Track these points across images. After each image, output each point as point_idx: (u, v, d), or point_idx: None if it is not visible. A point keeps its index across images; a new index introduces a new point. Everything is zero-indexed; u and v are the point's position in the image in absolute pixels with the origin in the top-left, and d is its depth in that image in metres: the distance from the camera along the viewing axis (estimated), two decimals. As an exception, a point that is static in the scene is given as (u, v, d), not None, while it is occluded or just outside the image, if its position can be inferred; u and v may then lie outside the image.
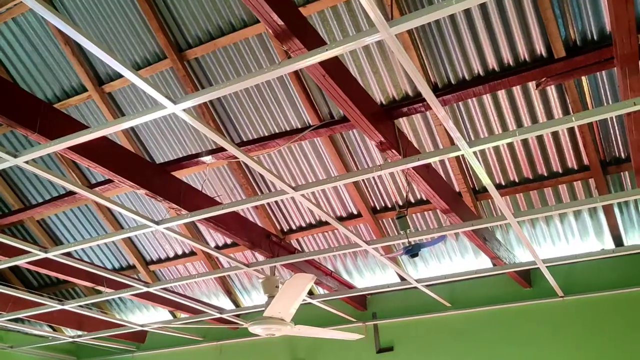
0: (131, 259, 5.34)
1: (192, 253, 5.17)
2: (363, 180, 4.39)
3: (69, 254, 3.55)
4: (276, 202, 4.66)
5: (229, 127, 4.23)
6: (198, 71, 4.10)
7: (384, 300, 4.95)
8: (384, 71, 3.67)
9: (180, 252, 5.27)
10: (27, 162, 2.36)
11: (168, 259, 5.34)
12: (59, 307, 4.08)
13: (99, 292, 5.41)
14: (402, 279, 4.58)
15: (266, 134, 4.14)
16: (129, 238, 5.18)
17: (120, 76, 4.27)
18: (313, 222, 4.75)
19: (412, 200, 4.37)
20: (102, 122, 4.46)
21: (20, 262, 3.32)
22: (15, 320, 4.91)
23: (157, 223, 2.91)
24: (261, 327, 3.31)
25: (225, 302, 5.40)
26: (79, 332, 5.34)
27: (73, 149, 2.44)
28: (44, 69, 4.40)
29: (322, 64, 1.97)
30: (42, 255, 3.20)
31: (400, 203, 4.37)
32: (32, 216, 4.90)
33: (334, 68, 2.07)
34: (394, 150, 2.52)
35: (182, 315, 5.28)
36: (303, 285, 2.92)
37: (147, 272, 5.36)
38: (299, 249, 4.65)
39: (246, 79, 1.87)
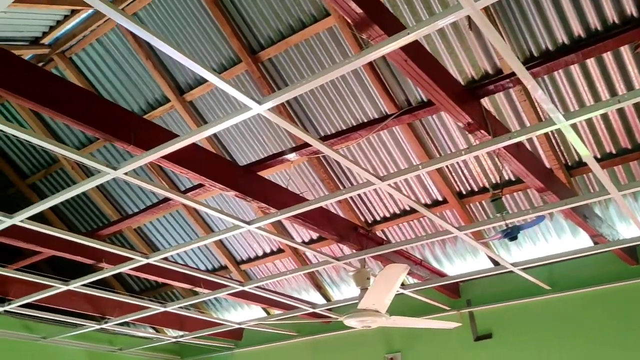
0: (223, 260, 5.52)
1: (280, 250, 5.26)
2: (447, 165, 4.29)
3: (165, 259, 3.72)
4: (359, 194, 4.64)
5: (306, 124, 4.26)
6: (272, 71, 4.16)
7: (478, 286, 4.81)
8: (460, 51, 3.55)
9: (268, 250, 5.38)
10: (126, 174, 2.49)
11: (257, 257, 5.46)
12: (162, 309, 4.29)
13: (196, 293, 5.65)
14: (496, 263, 4.43)
15: (344, 128, 4.13)
16: (220, 240, 5.35)
17: (199, 84, 4.42)
18: (397, 211, 4.70)
19: (499, 181, 4.22)
20: (186, 130, 4.63)
21: (125, 269, 3.52)
22: (122, 324, 5.20)
23: (249, 223, 2.97)
24: (356, 319, 3.31)
25: (315, 297, 5.46)
26: (181, 332, 5.59)
27: (166, 157, 2.53)
28: (129, 84, 4.62)
29: (404, 48, 1.92)
30: (144, 261, 3.36)
31: (487, 185, 4.23)
32: (130, 225, 5.16)
33: (415, 51, 2.02)
34: (482, 131, 2.43)
35: (276, 311, 5.39)
36: (397, 276, 2.88)
37: (238, 271, 5.51)
38: (385, 239, 4.61)
39: (330, 72, 1.86)
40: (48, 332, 5.11)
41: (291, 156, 3.17)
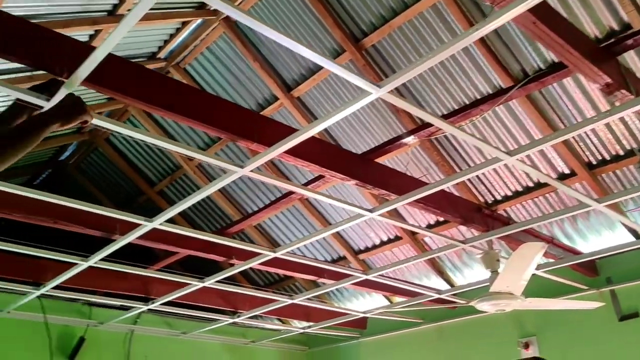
0: (341, 251, 5.56)
1: (397, 238, 5.21)
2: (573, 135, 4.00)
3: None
4: (477, 174, 4.47)
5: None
6: (377, 58, 4.11)
7: (619, 262, 4.44)
8: (580, 10, 3.27)
9: (385, 239, 5.34)
10: (252, 171, 2.57)
11: (375, 246, 5.45)
12: (290, 301, 4.41)
13: (318, 285, 5.76)
14: (638, 237, 4.07)
15: (455, 107, 3.99)
16: (337, 231, 5.40)
17: (305, 79, 4.48)
18: (519, 189, 4.46)
19: (628, 148, 3.86)
20: (296, 126, 4.72)
21: (254, 263, 3.65)
22: (253, 317, 5.42)
23: (371, 211, 2.96)
24: (489, 303, 3.19)
25: (437, 283, 5.35)
26: (307, 323, 5.73)
27: (288, 152, 2.57)
28: (239, 87, 4.79)
29: (532, 10, 1.80)
30: (272, 255, 3.47)
31: (621, 152, 3.89)
32: (251, 223, 5.34)
33: (543, 12, 1.88)
34: (623, 91, 2.22)
35: (398, 299, 5.35)
36: (533, 255, 2.73)
37: (357, 261, 5.53)
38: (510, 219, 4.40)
39: (452, 44, 1.78)
40: (187, 328, 5.45)
41: (409, 139, 3.11)
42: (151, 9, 4.02)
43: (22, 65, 3.37)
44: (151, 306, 4.53)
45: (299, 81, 4.53)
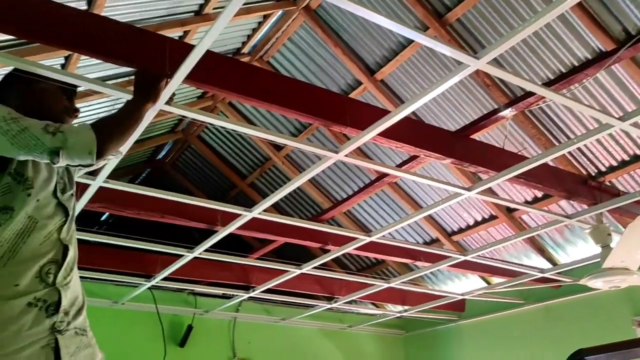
0: (433, 233, 5.47)
1: (493, 217, 5.04)
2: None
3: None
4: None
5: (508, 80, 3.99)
6: (462, 32, 3.97)
7: None
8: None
9: (479, 218, 5.19)
10: (346, 156, 2.58)
11: (468, 227, 5.31)
12: (386, 285, 4.41)
13: (411, 268, 5.71)
14: None
15: (551, 77, 3.78)
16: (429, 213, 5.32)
17: (387, 61, 4.42)
18: (626, 158, 4.16)
19: None
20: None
21: (350, 249, 3.68)
22: (349, 303, 5.47)
23: (469, 189, 2.88)
24: (602, 280, 3.02)
25: (537, 262, 5.14)
26: (403, 307, 5.70)
27: (381, 134, 2.55)
28: (322, 75, 4.81)
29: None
30: (368, 239, 3.47)
31: None
32: (342, 210, 5.36)
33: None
34: None
35: (497, 280, 5.20)
36: (651, 227, 2.54)
37: (451, 243, 5.42)
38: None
39: (548, 11, 1.68)
40: (285, 314, 5.60)
41: (506, 112, 2.98)
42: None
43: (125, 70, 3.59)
44: (252, 294, 4.69)
45: (381, 64, 4.48)
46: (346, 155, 2.57)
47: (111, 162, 2.40)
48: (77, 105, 1.86)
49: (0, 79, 1.77)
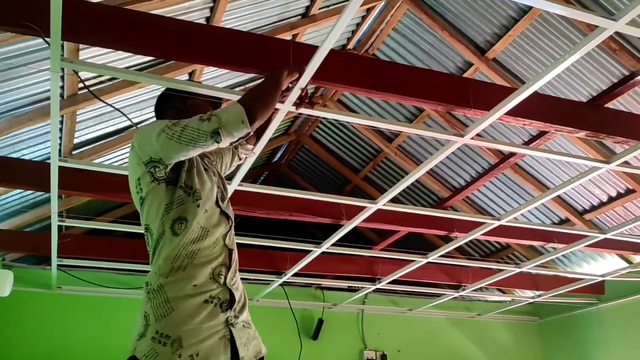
0: (562, 213, 5.18)
1: (630, 191, 4.67)
2: None
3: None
4: None
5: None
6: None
7: None
8: None
9: (614, 194, 4.83)
10: (472, 139, 2.52)
11: (602, 204, 4.96)
12: (517, 270, 4.25)
13: (540, 252, 5.45)
14: None
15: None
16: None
17: (498, 38, 4.25)
18: None
19: None
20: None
21: (477, 234, 3.59)
22: (475, 290, 5.34)
23: (608, 162, 2.70)
24: None
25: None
26: (535, 293, 5.46)
27: (507, 112, 2.46)
28: (430, 61, 4.73)
29: None
30: (496, 223, 3.37)
31: None
32: (462, 197, 5.23)
33: None
34: None
35: (638, 258, 4.81)
36: None
37: (583, 222, 5.09)
38: None
39: None
40: (412, 305, 5.59)
41: (645, 75, 2.75)
42: (338, 2, 4.16)
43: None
44: (378, 286, 4.73)
45: (492, 42, 4.31)
46: (472, 139, 2.52)
47: (246, 163, 2.54)
48: None
49: (156, 99, 1.98)
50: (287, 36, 4.00)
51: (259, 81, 1.93)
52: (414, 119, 5.20)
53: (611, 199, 4.87)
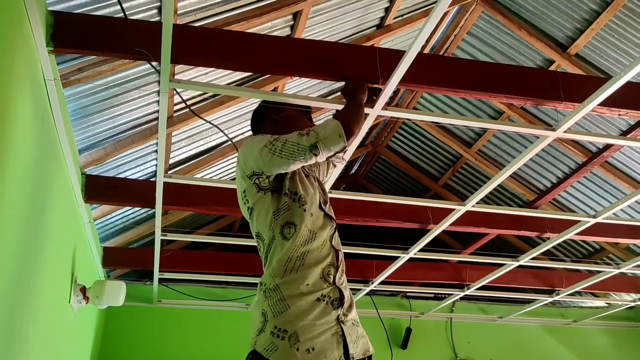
0: (661, 211, 4.90)
1: None
2: None
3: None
4: None
5: None
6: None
7: None
8: None
9: None
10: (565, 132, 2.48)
11: None
12: (616, 271, 4.06)
13: (637, 253, 5.16)
14: None
15: None
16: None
17: (580, 33, 4.13)
18: None
19: None
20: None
21: (571, 234, 3.47)
22: (571, 295, 5.12)
23: None
24: None
25: None
26: (637, 296, 5.17)
27: (601, 103, 2.40)
28: (507, 61, 4.64)
29: None
30: (592, 221, 3.25)
31: None
32: (549, 198, 5.07)
33: None
34: None
35: None
36: None
37: (687, 219, 4.79)
38: None
39: None
40: (502, 312, 5.45)
41: None
42: (412, 11, 4.21)
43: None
44: (467, 292, 4.66)
45: (574, 37, 4.20)
46: (564, 132, 2.47)
47: (337, 170, 2.63)
48: None
49: (252, 113, 2.12)
50: (364, 47, 4.09)
51: (344, 107, 2.06)
52: (497, 116, 5.12)
53: None
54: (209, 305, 4.84)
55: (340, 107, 2.25)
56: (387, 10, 3.97)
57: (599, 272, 4.28)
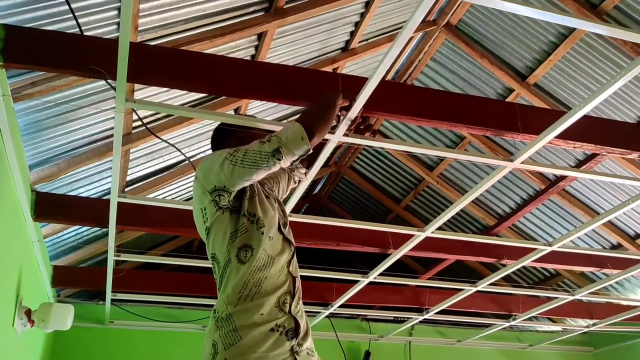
0: (613, 239, 5.03)
1: (686, 213, 4.52)
2: None
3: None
4: None
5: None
6: (621, 18, 3.70)
7: None
8: None
9: (668, 217, 4.68)
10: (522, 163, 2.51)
11: (655, 228, 4.80)
12: (570, 298, 4.13)
13: (592, 279, 5.28)
14: None
15: None
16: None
17: (539, 63, 4.25)
18: None
19: None
20: (537, 113, 4.47)
21: (528, 261, 3.52)
22: (527, 320, 5.18)
23: (664, 183, 2.63)
24: None
25: None
26: (590, 321, 5.27)
27: (558, 135, 2.44)
28: (470, 88, 4.74)
29: None
30: (548, 249, 3.31)
31: None
32: (509, 224, 5.15)
33: None
34: None
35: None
36: None
37: (636, 247, 4.93)
38: None
39: None
40: (460, 335, 5.47)
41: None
42: (378, 35, 4.24)
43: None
44: (426, 316, 4.66)
45: (533, 67, 4.31)
46: (521, 163, 2.51)
47: (299, 188, 2.59)
48: None
49: (214, 131, 2.06)
50: (328, 70, 4.10)
51: (312, 104, 1.97)
52: (454, 146, 5.19)
53: (665, 222, 4.73)
54: (164, 327, 4.70)
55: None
56: (353, 34, 3.99)
57: (555, 298, 4.34)
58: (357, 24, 3.95)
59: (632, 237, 4.96)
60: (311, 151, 1.72)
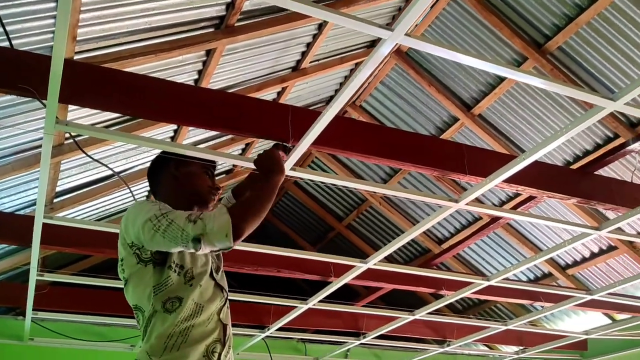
0: (546, 268, 5.20)
1: (612, 248, 4.72)
2: None
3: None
4: None
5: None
6: (565, 59, 3.82)
7: None
8: None
9: (596, 250, 4.87)
10: (467, 204, 2.51)
11: (584, 259, 5.00)
12: (504, 328, 4.21)
13: (526, 308, 5.43)
14: None
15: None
16: (538, 248, 5.07)
17: (484, 95, 4.33)
18: None
19: None
20: (479, 144, 4.55)
21: (466, 293, 3.55)
22: (460, 345, 5.25)
23: (598, 229, 2.71)
24: None
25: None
26: (518, 348, 5.41)
27: (507, 180, 2.45)
28: (416, 114, 4.79)
29: None
30: (485, 284, 3.34)
31: None
32: (452, 254, 5.19)
33: None
34: None
35: (622, 316, 4.82)
36: None
37: (566, 277, 5.12)
38: None
39: None
40: (397, 359, 5.48)
41: (635, 146, 2.81)
42: (329, 57, 4.19)
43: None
44: (363, 341, 4.63)
45: (478, 98, 4.40)
46: (466, 204, 2.51)
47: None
48: None
49: (151, 163, 1.91)
50: (277, 88, 4.02)
51: (253, 192, 1.79)
52: (394, 173, 5.24)
53: (593, 255, 4.91)
54: (89, 345, 4.43)
55: (248, 164, 2.11)
56: (304, 54, 3.93)
57: (488, 327, 4.42)
58: (309, 45, 3.89)
59: (563, 267, 5.14)
60: (233, 248, 1.59)
